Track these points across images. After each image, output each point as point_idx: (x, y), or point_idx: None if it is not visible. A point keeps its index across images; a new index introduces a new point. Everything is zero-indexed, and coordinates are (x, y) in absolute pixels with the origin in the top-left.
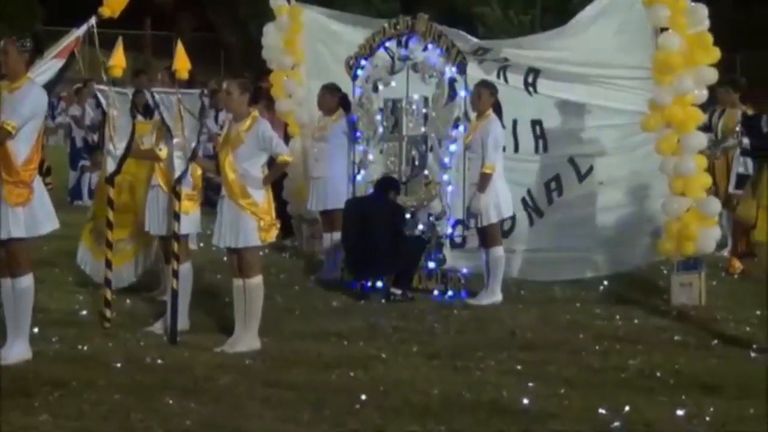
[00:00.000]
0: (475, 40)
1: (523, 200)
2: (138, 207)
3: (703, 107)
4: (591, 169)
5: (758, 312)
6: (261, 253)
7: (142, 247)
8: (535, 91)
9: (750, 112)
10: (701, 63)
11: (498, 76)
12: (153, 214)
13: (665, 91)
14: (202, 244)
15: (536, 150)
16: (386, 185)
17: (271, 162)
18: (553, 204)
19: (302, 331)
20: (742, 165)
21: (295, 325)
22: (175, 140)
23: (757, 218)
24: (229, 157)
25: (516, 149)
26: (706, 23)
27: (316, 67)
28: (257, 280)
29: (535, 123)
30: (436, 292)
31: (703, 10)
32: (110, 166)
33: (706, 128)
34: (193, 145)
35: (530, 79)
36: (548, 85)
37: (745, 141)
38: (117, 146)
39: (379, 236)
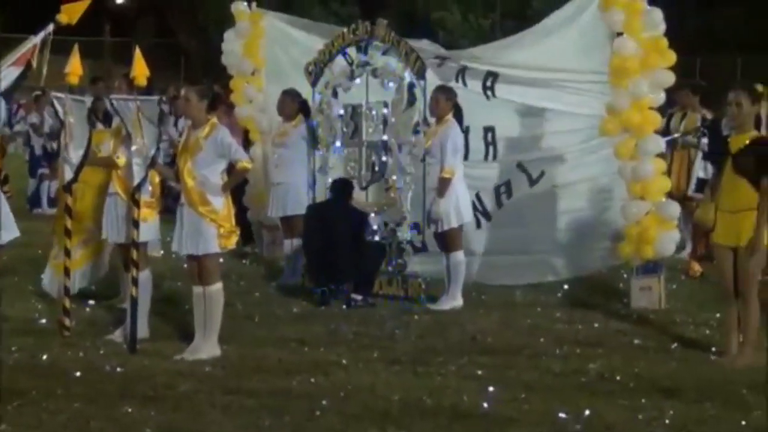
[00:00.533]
0: (435, 46)
1: (472, 203)
2: (90, 213)
3: (663, 110)
4: (542, 174)
5: (717, 315)
6: (221, 259)
7: (93, 253)
8: (494, 95)
9: (709, 115)
10: (657, 67)
11: (457, 80)
12: (111, 221)
13: (621, 95)
14: (162, 252)
15: (486, 157)
16: (344, 188)
17: (231, 168)
18: (502, 207)
19: (263, 338)
20: (703, 169)
21: (256, 332)
22: (133, 147)
23: (715, 221)
24: (188, 164)
25: (466, 156)
26: (662, 27)
27: (276, 72)
28: (217, 287)
29: (488, 130)
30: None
31: (659, 14)
32: (68, 174)
33: (666, 131)
34: (152, 152)
35: (488, 83)
36: (506, 90)
37: (703, 141)
38: (74, 154)
39: (341, 241)
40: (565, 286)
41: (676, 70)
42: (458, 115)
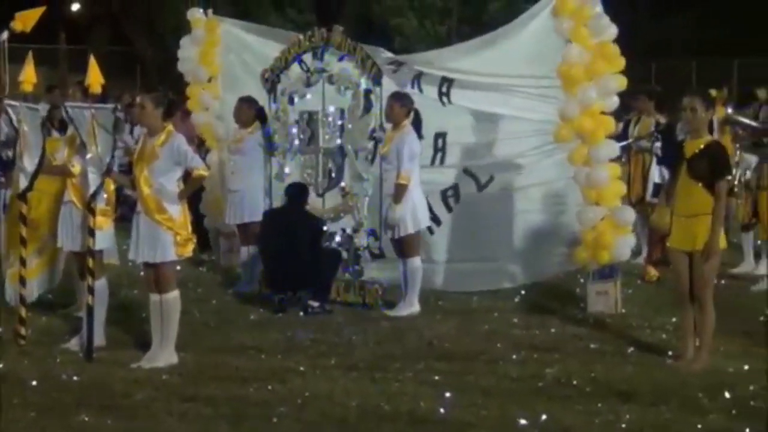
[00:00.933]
0: (389, 54)
1: None
2: (45, 222)
3: (620, 115)
4: (491, 178)
5: (673, 319)
6: (178, 267)
7: (48, 262)
8: (449, 101)
9: (663, 120)
10: (605, 73)
11: (413, 86)
12: (66, 230)
13: (571, 102)
14: (118, 260)
15: (432, 162)
16: (300, 193)
17: (187, 176)
18: (452, 212)
19: (220, 345)
20: (659, 174)
21: (213, 339)
22: (88, 156)
23: (671, 226)
24: (145, 172)
25: None
26: (611, 33)
27: (232, 79)
28: (174, 294)
29: (439, 135)
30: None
31: (606, 20)
32: (22, 182)
33: (622, 136)
34: (107, 160)
35: (444, 89)
36: (462, 95)
37: (656, 145)
38: (28, 163)
39: (298, 248)
40: (522, 292)
41: (632, 75)
42: (417, 122)
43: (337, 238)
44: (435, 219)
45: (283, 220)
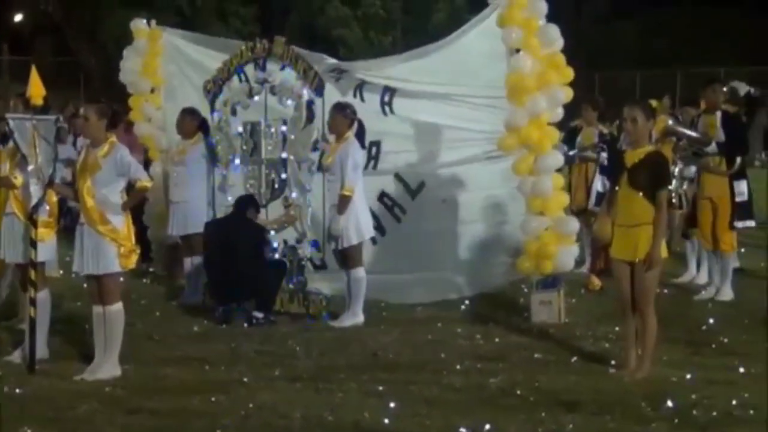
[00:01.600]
0: (333, 60)
1: None
2: None
3: (563, 126)
4: (422, 184)
5: (616, 328)
6: (121, 279)
7: None
8: (392, 111)
9: (606, 130)
10: (554, 83)
11: (354, 95)
12: (8, 241)
13: (519, 112)
14: (61, 272)
15: (365, 167)
16: (246, 204)
17: (131, 187)
18: (400, 222)
19: (163, 357)
20: (601, 184)
21: (156, 351)
22: (30, 167)
23: (612, 236)
24: (88, 184)
25: None
26: (559, 43)
27: (174, 90)
28: (117, 306)
29: (373, 144)
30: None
31: (555, 31)
32: None
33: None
34: (49, 171)
35: (386, 98)
36: (404, 105)
37: (603, 155)
38: None
39: (242, 258)
40: (466, 302)
41: (576, 85)
42: (360, 132)
43: (280, 249)
44: (380, 228)
45: (224, 230)
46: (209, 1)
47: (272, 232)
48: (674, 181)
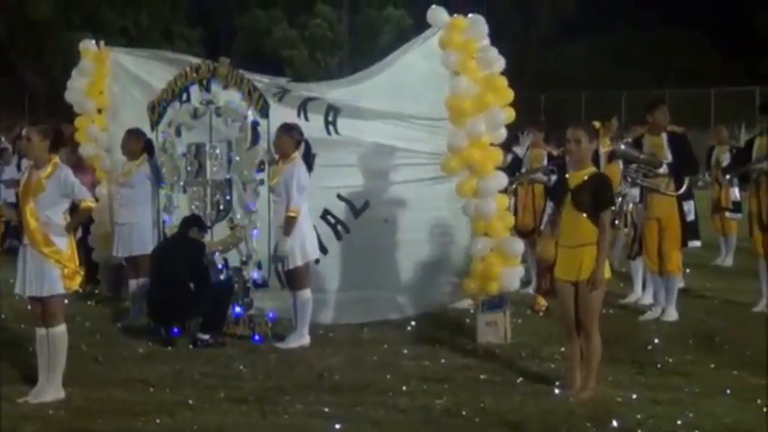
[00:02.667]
0: (282, 80)
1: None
2: None
3: (508, 147)
4: (367, 204)
5: (562, 349)
6: (65, 301)
7: None
8: (336, 131)
9: (555, 152)
10: (494, 105)
11: (299, 115)
12: None
13: (460, 134)
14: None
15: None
16: (188, 223)
17: (74, 208)
18: (342, 240)
19: (108, 379)
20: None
21: (101, 373)
22: None
23: (557, 257)
24: (31, 205)
25: None
26: (499, 65)
27: (120, 110)
28: (61, 328)
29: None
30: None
31: (494, 53)
32: None
33: (513, 166)
34: None
35: (330, 118)
36: (348, 125)
37: (553, 177)
38: None
39: (182, 277)
40: (413, 323)
41: (521, 107)
42: (307, 153)
43: (226, 271)
44: (322, 247)
45: (166, 250)
46: (155, 22)
47: (217, 253)
48: (618, 200)
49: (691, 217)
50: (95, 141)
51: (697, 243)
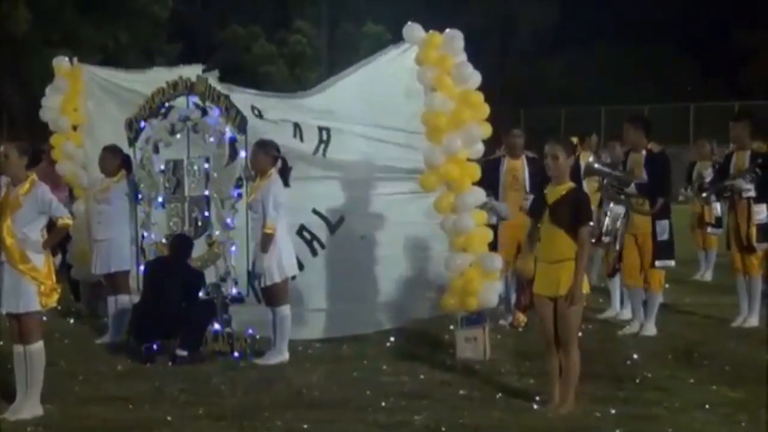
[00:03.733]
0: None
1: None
2: None
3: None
4: (342, 219)
5: (541, 364)
6: (44, 318)
7: None
8: (324, 155)
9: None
10: (470, 120)
11: (294, 136)
12: None
13: (437, 150)
14: None
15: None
16: (184, 248)
17: (52, 225)
18: (317, 256)
19: (87, 396)
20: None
21: (80, 390)
22: None
23: (535, 272)
24: (8, 222)
25: None
26: (474, 81)
27: (96, 128)
28: (38, 345)
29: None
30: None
31: (470, 69)
32: None
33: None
34: None
35: (324, 137)
36: (337, 148)
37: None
38: None
39: (170, 299)
40: (392, 338)
41: (502, 123)
42: (284, 170)
43: (206, 287)
44: (298, 263)
45: (158, 270)
46: (134, 38)
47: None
48: (607, 220)
49: (664, 237)
50: (71, 158)
51: (670, 263)
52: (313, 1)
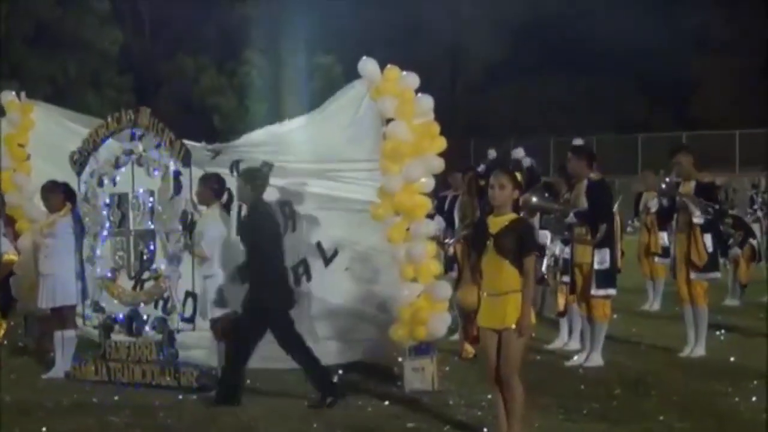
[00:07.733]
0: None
1: None
2: None
3: (436, 194)
4: (336, 253)
5: (489, 396)
6: None
7: None
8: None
9: None
10: (428, 151)
11: (232, 172)
12: None
13: (394, 179)
14: None
15: (284, 230)
16: None
17: None
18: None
19: (32, 431)
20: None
21: (25, 425)
22: None
23: (479, 304)
24: None
25: None
26: (432, 113)
27: (45, 162)
28: None
29: (284, 204)
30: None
31: (429, 100)
32: None
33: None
34: None
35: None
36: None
37: None
38: None
39: None
40: (340, 371)
41: (452, 154)
42: (228, 202)
43: (150, 322)
44: None
45: None
46: (83, 70)
47: (142, 304)
48: (545, 260)
49: (604, 266)
50: (19, 191)
51: (611, 291)
52: (262, 32)
